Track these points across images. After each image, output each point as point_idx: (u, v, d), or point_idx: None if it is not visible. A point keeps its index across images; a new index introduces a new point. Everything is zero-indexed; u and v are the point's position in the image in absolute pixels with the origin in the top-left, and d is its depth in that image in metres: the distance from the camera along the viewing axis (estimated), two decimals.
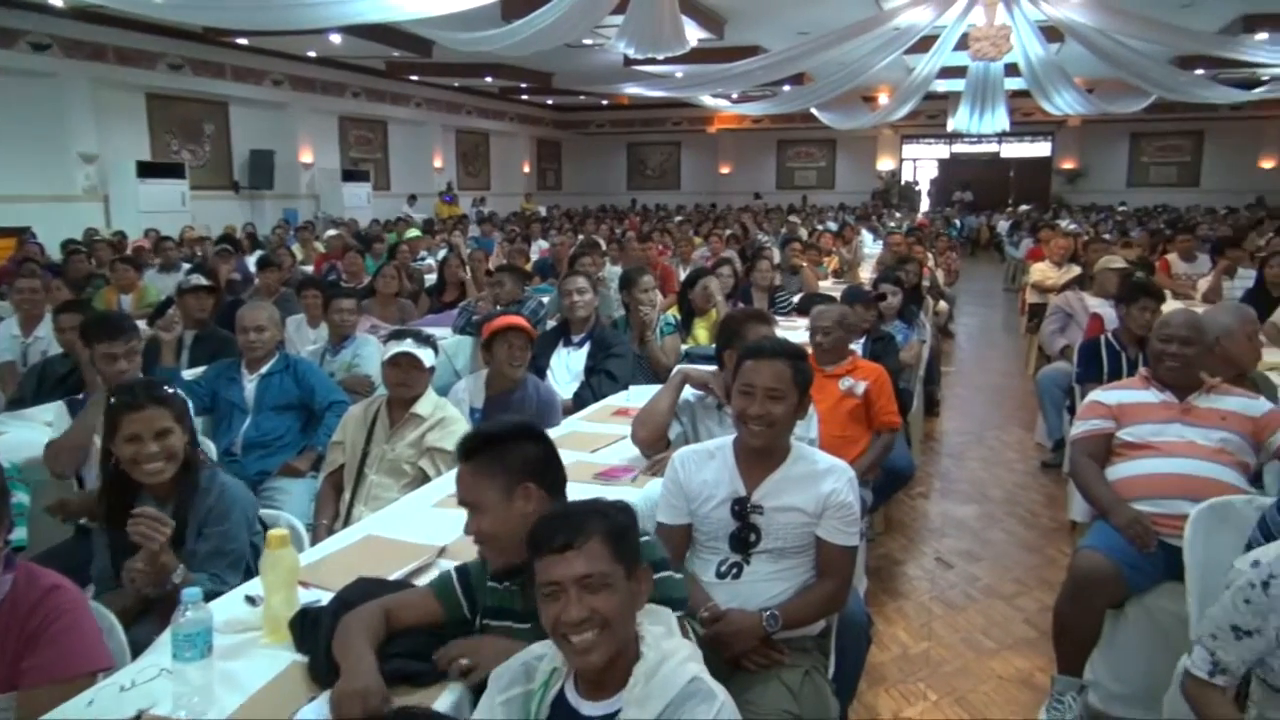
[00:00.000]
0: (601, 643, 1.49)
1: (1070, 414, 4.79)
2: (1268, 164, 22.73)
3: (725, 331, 3.21)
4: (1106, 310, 5.30)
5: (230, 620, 1.98)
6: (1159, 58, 12.87)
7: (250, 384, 3.81)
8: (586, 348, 4.42)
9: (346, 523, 3.00)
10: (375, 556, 2.33)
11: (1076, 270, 7.64)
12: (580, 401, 4.11)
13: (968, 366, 8.94)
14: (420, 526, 2.55)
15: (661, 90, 15.08)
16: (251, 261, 8.83)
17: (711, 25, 13.00)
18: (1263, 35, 12.74)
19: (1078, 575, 2.79)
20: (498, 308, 5.38)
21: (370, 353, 4.45)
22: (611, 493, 2.65)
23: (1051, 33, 11.59)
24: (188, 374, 4.10)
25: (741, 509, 2.24)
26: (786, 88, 16.84)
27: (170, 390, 2.42)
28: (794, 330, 4.70)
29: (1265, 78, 15.27)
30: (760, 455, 2.28)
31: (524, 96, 22.97)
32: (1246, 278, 6.92)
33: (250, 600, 2.08)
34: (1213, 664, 1.89)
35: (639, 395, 3.84)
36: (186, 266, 7.15)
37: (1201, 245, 8.47)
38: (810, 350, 3.75)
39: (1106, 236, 10.65)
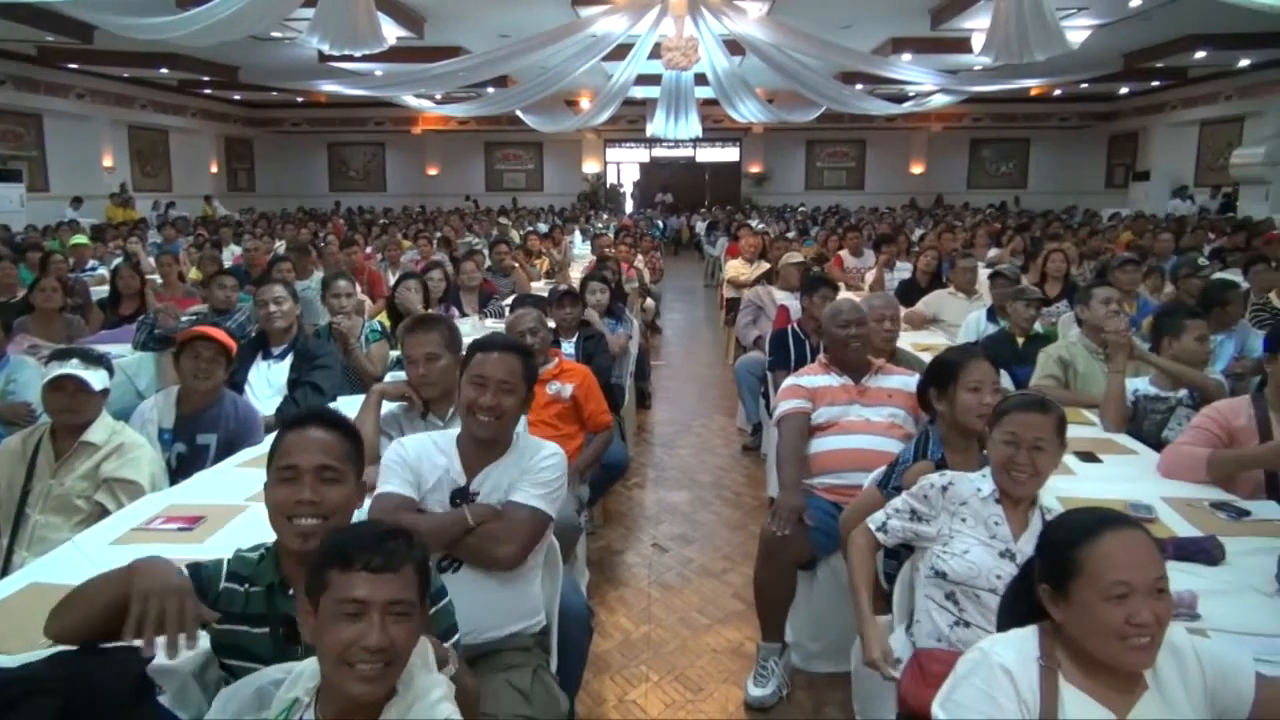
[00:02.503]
0: (386, 676, 1.42)
1: (765, 400, 5.20)
2: (917, 169, 26.01)
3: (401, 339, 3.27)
4: (792, 302, 5.80)
5: None
6: (825, 73, 14.26)
7: None
8: (288, 360, 4.16)
9: (5, 572, 2.63)
10: (43, 607, 2.04)
11: (765, 266, 8.28)
12: (284, 417, 3.87)
13: (675, 360, 9.42)
14: (96, 569, 2.27)
15: (361, 89, 14.51)
16: None
17: (410, 24, 12.72)
18: (907, 56, 14.55)
19: (769, 543, 3.05)
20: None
21: (28, 376, 3.91)
22: None
23: (734, 46, 12.48)
24: None
25: (461, 499, 2.24)
26: (490, 90, 16.85)
27: None
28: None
29: (912, 93, 17.43)
30: (484, 446, 2.30)
31: (207, 91, 21.20)
32: (903, 269, 7.88)
33: None
34: (883, 522, 2.36)
35: (349, 407, 3.68)
36: None
37: (867, 241, 9.51)
38: None
39: (789, 235, 11.64)
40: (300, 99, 22.59)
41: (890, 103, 16.51)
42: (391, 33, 10.98)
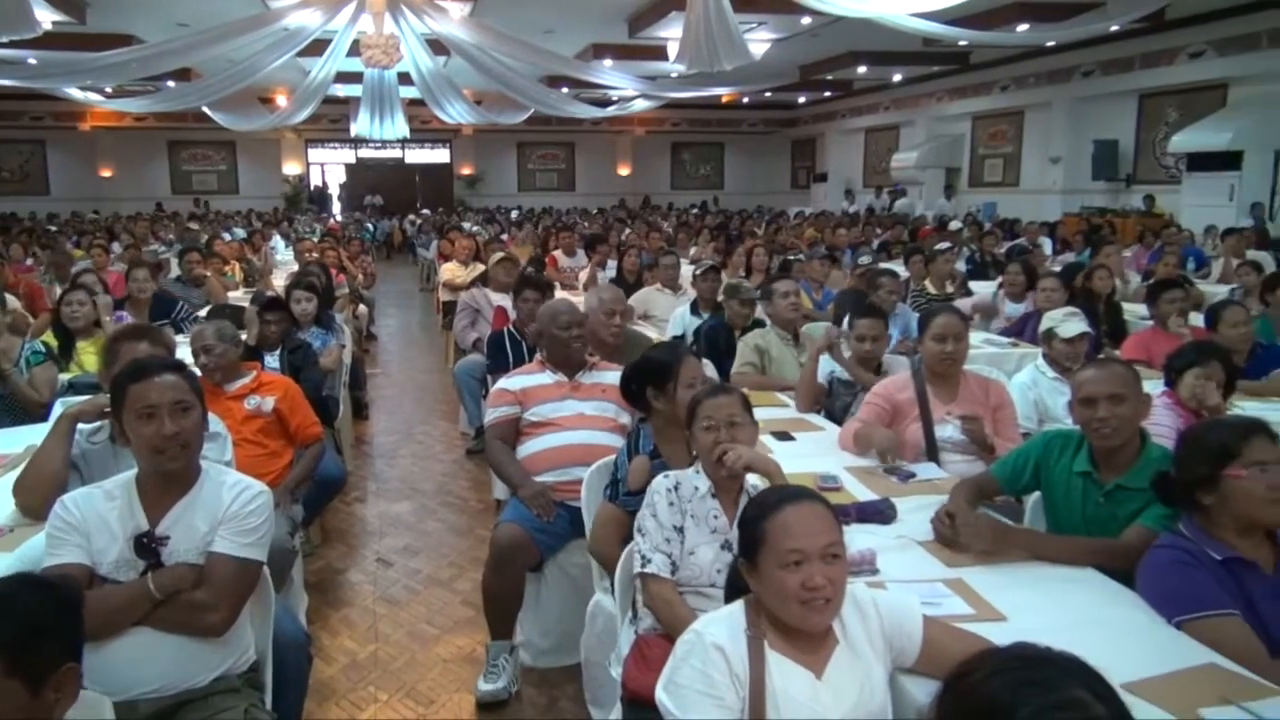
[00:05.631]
0: None
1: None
2: (624, 171, 27.05)
3: (106, 354, 2.92)
4: (509, 303, 5.82)
5: None
6: (531, 76, 14.42)
7: None
8: None
9: None
10: None
11: (480, 268, 8.24)
12: None
13: (393, 367, 9.14)
14: None
15: (10, 79, 12.70)
16: None
17: (69, 8, 11.35)
18: (608, 62, 15.08)
19: (497, 547, 3.06)
20: None
21: None
22: None
23: (438, 46, 12.29)
24: None
25: (148, 543, 2.03)
26: (170, 84, 15.44)
27: None
28: None
29: (615, 98, 18.06)
30: (167, 483, 2.10)
31: None
32: (615, 268, 8.17)
33: None
34: (663, 562, 2.21)
35: (7, 441, 3.26)
36: None
37: (580, 242, 9.76)
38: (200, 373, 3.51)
39: (503, 236, 11.68)
40: None
41: (595, 106, 17.01)
42: (46, 16, 9.78)
